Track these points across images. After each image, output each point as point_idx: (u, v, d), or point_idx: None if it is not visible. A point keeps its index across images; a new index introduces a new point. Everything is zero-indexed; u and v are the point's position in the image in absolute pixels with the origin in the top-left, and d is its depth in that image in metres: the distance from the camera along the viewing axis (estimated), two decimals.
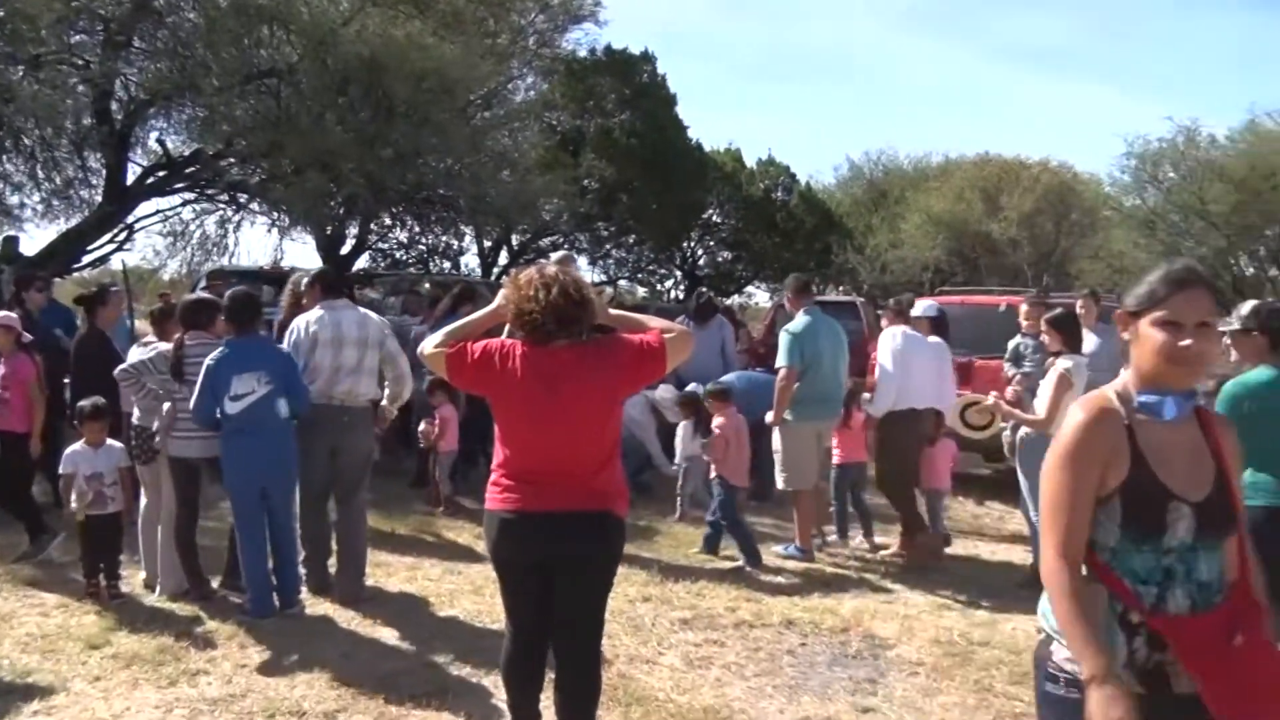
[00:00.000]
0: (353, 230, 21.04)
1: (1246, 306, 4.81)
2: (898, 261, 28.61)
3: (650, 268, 30.30)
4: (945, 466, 7.72)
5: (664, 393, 8.64)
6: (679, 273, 31.03)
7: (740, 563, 6.82)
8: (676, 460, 8.32)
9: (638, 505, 7.68)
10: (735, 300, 31.92)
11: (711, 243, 31.57)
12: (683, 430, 7.89)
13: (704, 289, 29.66)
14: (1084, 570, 2.25)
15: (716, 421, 7.18)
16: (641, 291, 31.47)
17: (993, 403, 6.65)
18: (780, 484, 7.22)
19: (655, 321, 3.57)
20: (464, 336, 3.52)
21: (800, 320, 7.04)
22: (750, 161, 32.17)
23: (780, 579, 6.60)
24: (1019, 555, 7.21)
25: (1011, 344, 8.10)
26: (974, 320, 7.59)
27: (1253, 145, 20.68)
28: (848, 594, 6.27)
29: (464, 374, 3.46)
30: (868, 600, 6.13)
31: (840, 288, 32.23)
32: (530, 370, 3.32)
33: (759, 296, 34.28)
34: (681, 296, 28.67)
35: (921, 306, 7.86)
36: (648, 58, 27.21)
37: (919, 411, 7.12)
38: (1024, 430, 6.29)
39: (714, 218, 30.73)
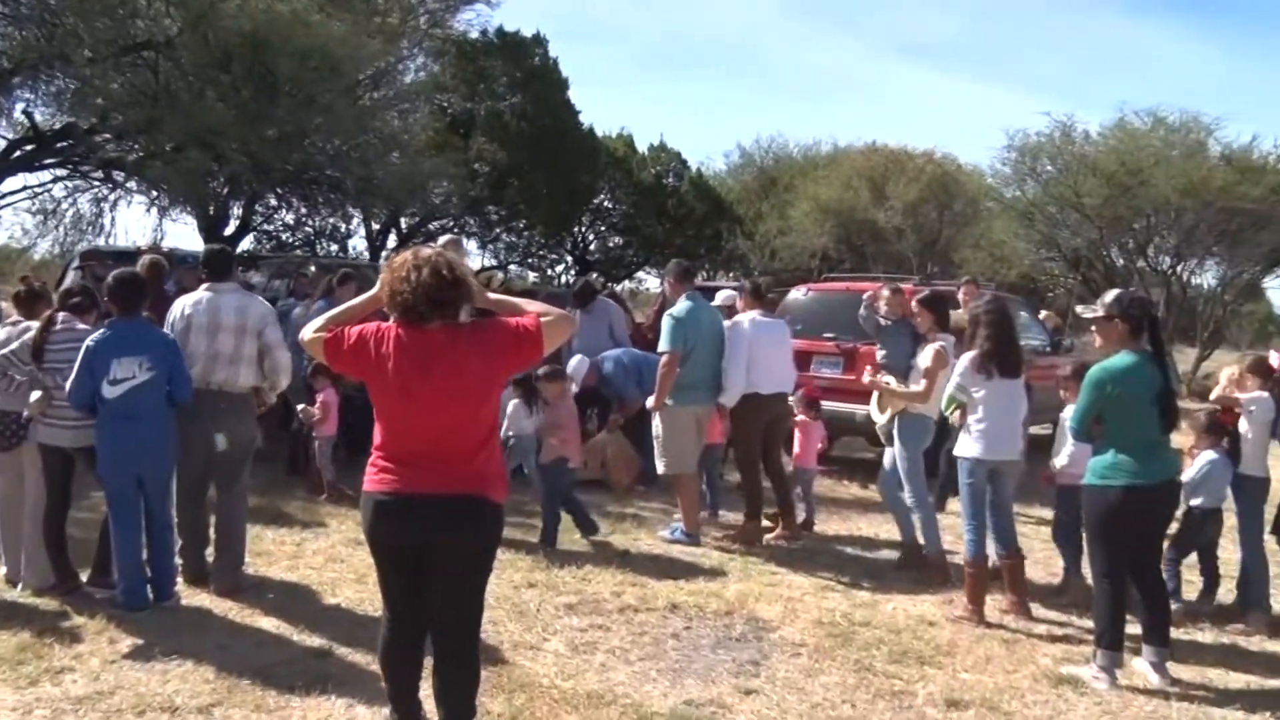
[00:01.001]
0: (236, 211, 20.49)
1: (1109, 295, 5.00)
2: (787, 248, 28.98)
3: (540, 252, 30.14)
4: (813, 447, 7.98)
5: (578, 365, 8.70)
6: (569, 258, 30.94)
7: (625, 549, 6.86)
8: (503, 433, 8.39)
9: (526, 490, 7.68)
10: (625, 286, 32.00)
11: (602, 228, 31.54)
12: (513, 408, 7.82)
13: (591, 274, 29.80)
14: None
15: (551, 400, 7.22)
16: (532, 276, 31.29)
17: (875, 381, 6.83)
18: (660, 469, 7.28)
19: (533, 305, 3.55)
20: (344, 321, 3.53)
21: (682, 305, 7.09)
22: (642, 147, 32.23)
23: (666, 563, 6.64)
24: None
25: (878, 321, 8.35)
26: (856, 306, 7.80)
27: (1122, 142, 21.46)
28: (732, 577, 6.34)
29: (340, 358, 3.45)
30: (752, 583, 6.20)
31: (731, 274, 32.56)
32: (403, 352, 3.31)
33: (650, 282, 34.40)
34: (572, 281, 28.59)
35: (721, 296, 8.27)
36: (540, 41, 26.99)
37: (764, 396, 7.23)
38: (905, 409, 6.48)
39: (605, 203, 30.68)
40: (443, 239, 7.82)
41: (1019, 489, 6.10)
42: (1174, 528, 5.60)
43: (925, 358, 6.35)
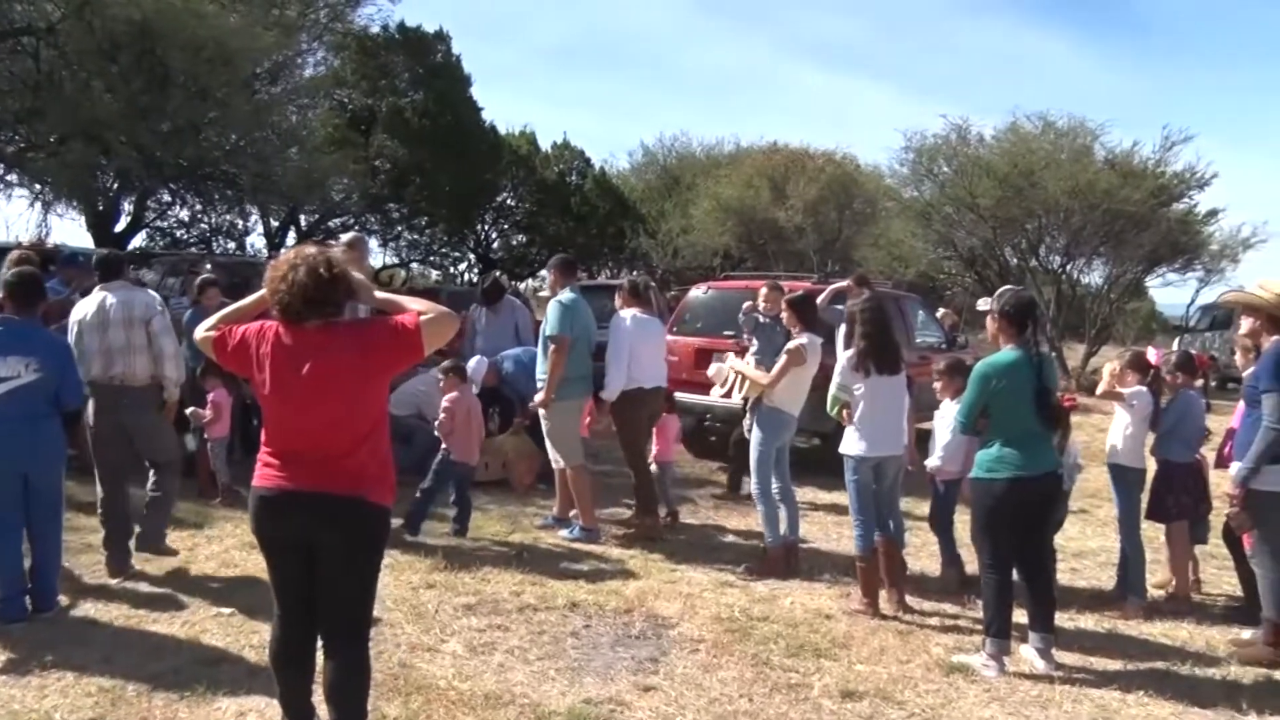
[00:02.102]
0: (127, 207, 19.86)
1: (997, 293, 5.16)
2: (689, 247, 29.12)
3: (443, 250, 29.86)
4: (670, 440, 8.20)
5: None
6: (472, 256, 30.70)
7: (518, 548, 6.88)
8: None
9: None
10: (529, 284, 31.86)
11: (505, 226, 31.41)
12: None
13: (496, 272, 29.61)
14: None
15: (449, 397, 7.19)
16: (434, 274, 30.98)
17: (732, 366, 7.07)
18: (555, 462, 7.34)
19: (415, 304, 3.54)
20: (234, 320, 3.58)
21: (569, 294, 7.19)
22: (545, 145, 32.14)
23: (567, 562, 6.63)
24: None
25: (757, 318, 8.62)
26: (735, 304, 8.12)
27: (1014, 145, 22.00)
28: (633, 575, 6.36)
29: (227, 357, 3.51)
30: (652, 581, 6.23)
31: (634, 272, 32.63)
32: (279, 350, 3.37)
33: None
34: (475, 279, 28.36)
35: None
36: (442, 37, 26.77)
37: (647, 390, 7.45)
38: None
39: (508, 201, 30.54)
40: (345, 237, 7.72)
41: (918, 484, 6.24)
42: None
43: (783, 353, 6.48)
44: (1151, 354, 6.51)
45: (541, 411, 7.22)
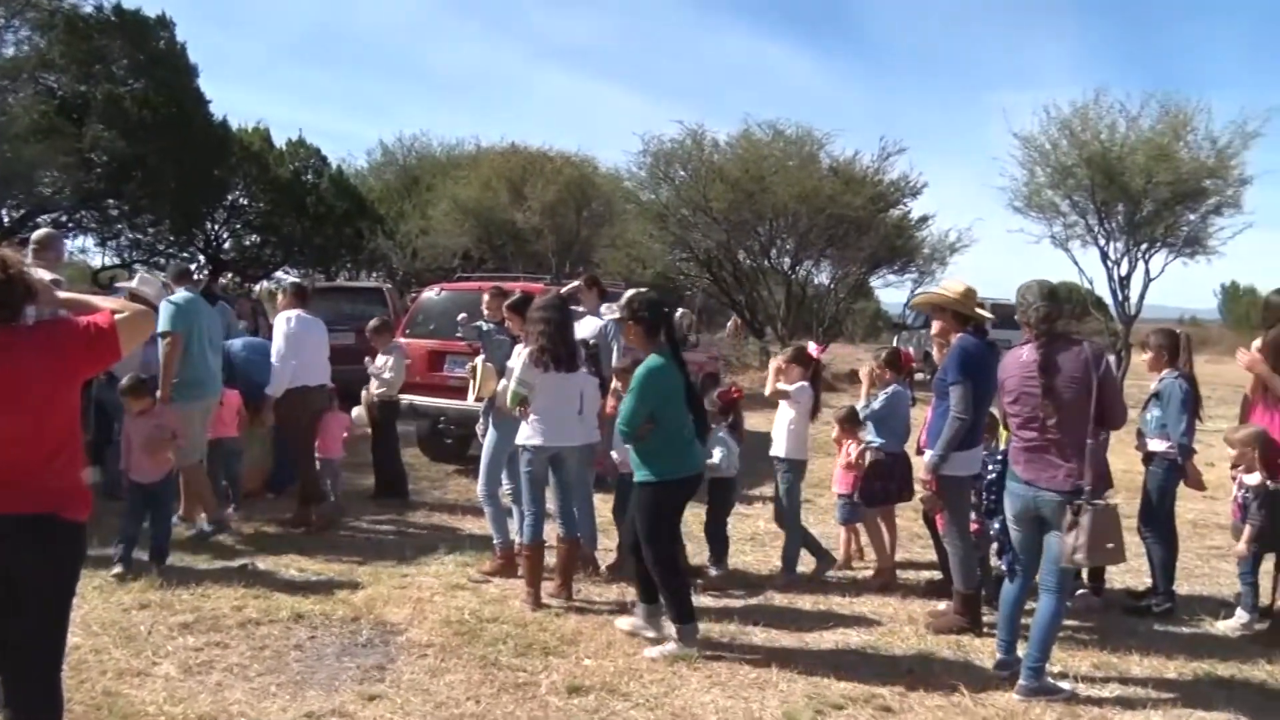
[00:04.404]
0: None
1: (625, 296, 5.37)
2: (429, 248, 28.79)
3: (169, 250, 28.09)
4: (337, 436, 8.35)
5: None
6: (202, 256, 29.09)
7: (246, 562, 6.64)
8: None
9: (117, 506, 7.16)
10: (264, 286, 30.59)
11: (238, 225, 29.92)
12: None
13: (227, 273, 28.26)
14: None
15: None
16: (162, 276, 29.13)
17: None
18: (179, 462, 7.11)
19: (107, 302, 3.32)
20: None
21: (183, 294, 7.23)
22: (280, 142, 30.92)
23: (293, 572, 6.46)
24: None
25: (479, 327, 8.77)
26: (469, 305, 8.23)
27: (746, 151, 23.01)
28: (361, 582, 6.25)
29: None
30: (381, 587, 6.15)
31: (375, 274, 31.93)
32: None
33: (289, 282, 32.96)
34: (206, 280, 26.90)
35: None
36: (165, 23, 25.21)
37: (311, 389, 7.86)
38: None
39: (240, 199, 29.15)
40: (36, 235, 7.18)
41: None
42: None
43: (515, 358, 6.54)
44: (812, 348, 7.01)
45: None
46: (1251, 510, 5.68)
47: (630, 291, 5.37)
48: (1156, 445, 6.19)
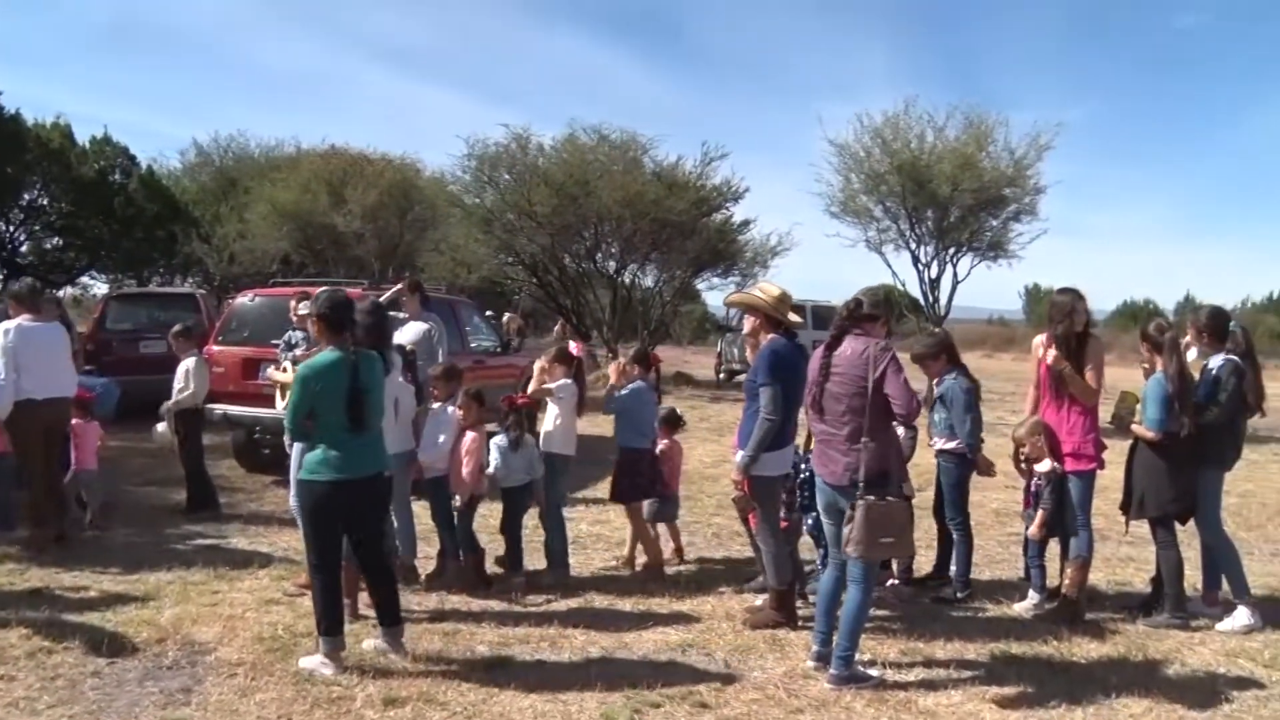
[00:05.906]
0: None
1: (314, 295, 5.35)
2: (246, 252, 27.85)
3: None
4: (92, 448, 8.04)
5: None
6: None
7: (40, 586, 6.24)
8: None
9: None
10: (69, 292, 28.95)
11: (36, 227, 28.22)
12: None
13: (27, 278, 26.57)
14: None
15: None
16: None
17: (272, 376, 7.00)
18: None
19: None
20: None
21: None
22: (83, 139, 29.31)
23: (93, 594, 6.12)
24: None
25: (285, 335, 8.81)
26: (277, 312, 8.01)
27: (571, 155, 23.02)
28: (168, 601, 5.98)
29: None
30: (190, 605, 5.89)
31: (189, 280, 30.65)
32: None
33: (97, 288, 31.36)
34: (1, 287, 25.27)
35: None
36: None
37: (39, 402, 7.15)
38: None
39: (40, 199, 27.50)
40: None
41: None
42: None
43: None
44: (573, 347, 7.25)
45: None
46: (1045, 496, 6.05)
47: (321, 290, 5.25)
48: (945, 444, 6.60)
